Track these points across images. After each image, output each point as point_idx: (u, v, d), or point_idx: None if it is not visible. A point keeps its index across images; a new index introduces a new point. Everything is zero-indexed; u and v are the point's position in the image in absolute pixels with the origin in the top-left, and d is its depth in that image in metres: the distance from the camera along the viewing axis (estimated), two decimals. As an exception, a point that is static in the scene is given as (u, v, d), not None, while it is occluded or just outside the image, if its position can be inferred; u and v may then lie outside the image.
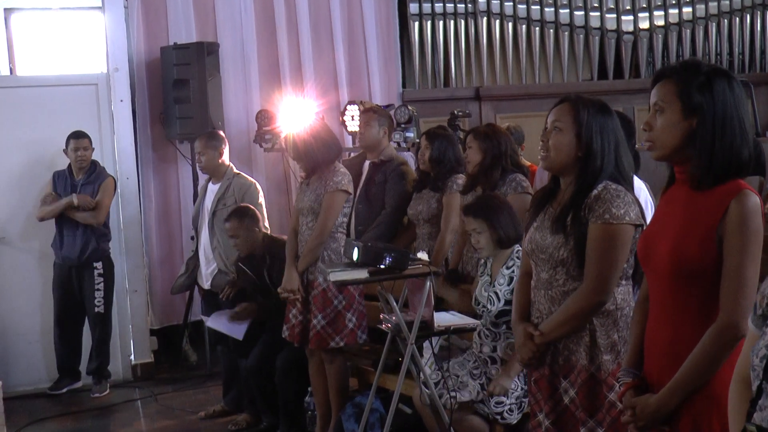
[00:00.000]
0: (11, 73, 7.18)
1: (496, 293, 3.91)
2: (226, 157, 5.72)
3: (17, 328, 6.53)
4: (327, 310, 4.61)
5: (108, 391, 6.40)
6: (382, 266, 3.99)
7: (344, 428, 4.66)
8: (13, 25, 7.25)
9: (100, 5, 6.90)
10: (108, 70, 6.81)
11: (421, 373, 4.07)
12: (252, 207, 5.28)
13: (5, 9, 7.16)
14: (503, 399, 3.83)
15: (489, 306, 3.93)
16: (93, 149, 6.32)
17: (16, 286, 6.56)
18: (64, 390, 6.32)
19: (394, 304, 4.06)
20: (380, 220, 5.35)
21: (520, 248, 3.91)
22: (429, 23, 7.88)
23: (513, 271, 3.89)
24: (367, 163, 5.56)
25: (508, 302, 3.81)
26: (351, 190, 4.75)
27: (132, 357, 6.77)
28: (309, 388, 5.08)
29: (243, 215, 5.14)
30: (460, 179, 4.92)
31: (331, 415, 4.81)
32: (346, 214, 4.76)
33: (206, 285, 5.53)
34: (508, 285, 3.87)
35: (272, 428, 5.22)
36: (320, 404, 4.88)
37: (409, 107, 6.42)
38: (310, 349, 4.75)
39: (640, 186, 3.59)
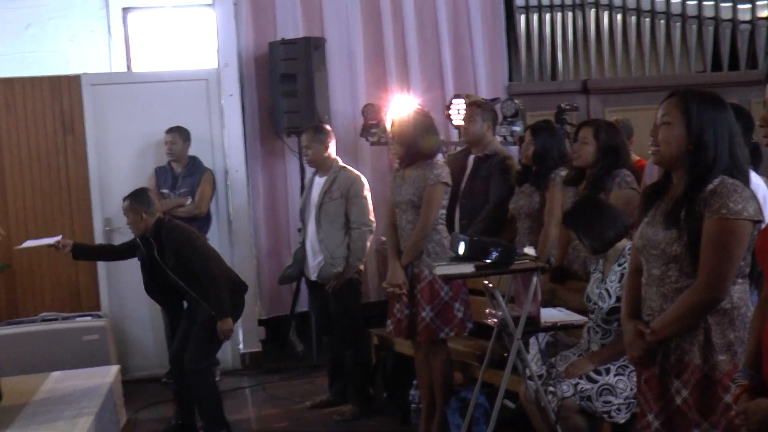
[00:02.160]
0: (128, 69, 7.43)
1: (607, 290, 3.87)
2: (332, 151, 5.77)
3: (133, 315, 6.77)
4: (435, 301, 4.63)
5: (218, 377, 6.56)
6: (488, 261, 3.98)
7: (449, 422, 4.68)
8: (130, 24, 7.49)
9: (211, 2, 7.08)
10: (218, 65, 7.00)
11: (527, 369, 4.05)
12: (147, 192, 5.31)
13: (123, 8, 7.41)
14: (611, 398, 3.78)
15: (600, 303, 3.89)
16: (187, 144, 6.55)
17: (128, 274, 6.78)
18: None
19: (500, 299, 4.04)
20: (484, 214, 5.33)
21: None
22: (536, 15, 7.78)
23: (624, 268, 3.84)
24: (471, 157, 5.55)
25: (619, 299, 3.77)
26: (450, 182, 4.76)
27: (241, 346, 6.94)
28: (414, 381, 5.12)
29: (134, 199, 5.19)
30: (563, 172, 4.85)
31: (435, 408, 4.83)
32: (445, 206, 4.78)
33: (313, 276, 5.60)
34: (620, 282, 3.82)
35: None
36: (425, 396, 4.91)
37: (516, 101, 6.37)
38: (417, 342, 4.78)
39: (758, 182, 3.47)
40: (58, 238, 5.37)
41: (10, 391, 4.69)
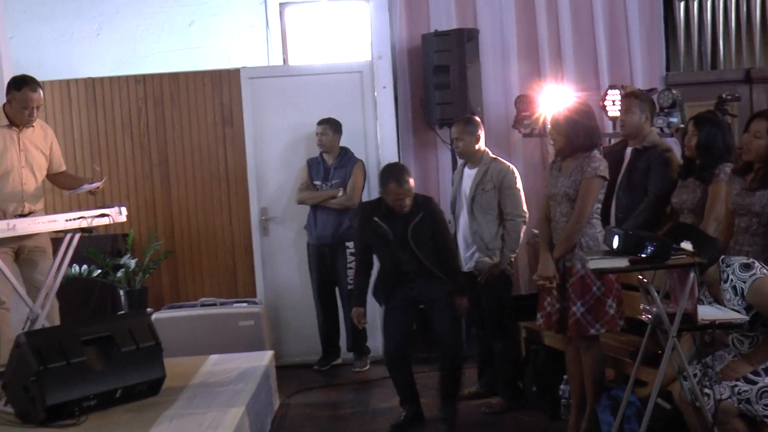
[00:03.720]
0: (284, 62, 7.64)
1: (734, 311, 3.77)
2: (482, 142, 5.76)
3: (286, 303, 6.98)
4: (586, 296, 4.56)
5: (368, 366, 6.70)
6: (643, 255, 3.88)
7: (599, 419, 4.59)
8: (287, 18, 7.69)
9: (365, -5, 7.20)
10: (372, 58, 7.12)
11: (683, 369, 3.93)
12: (404, 167, 5.40)
13: (280, 3, 7.63)
14: (773, 401, 3.63)
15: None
16: (338, 135, 6.67)
17: (281, 263, 7.02)
18: (329, 367, 6.70)
19: (655, 294, 3.94)
20: (642, 207, 5.19)
21: (723, 257, 3.93)
22: (696, 2, 7.50)
23: (732, 282, 3.82)
24: (628, 149, 5.41)
25: (747, 310, 3.72)
26: (608, 176, 4.69)
27: (391, 335, 7.01)
28: (564, 376, 5.06)
29: (408, 174, 5.23)
30: (729, 168, 4.66)
31: (585, 404, 4.76)
32: (601, 200, 4.70)
33: (465, 267, 5.61)
34: (736, 294, 3.75)
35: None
36: (575, 392, 4.84)
37: (673, 91, 6.17)
38: (568, 336, 4.72)
39: None
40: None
41: (172, 371, 4.91)
